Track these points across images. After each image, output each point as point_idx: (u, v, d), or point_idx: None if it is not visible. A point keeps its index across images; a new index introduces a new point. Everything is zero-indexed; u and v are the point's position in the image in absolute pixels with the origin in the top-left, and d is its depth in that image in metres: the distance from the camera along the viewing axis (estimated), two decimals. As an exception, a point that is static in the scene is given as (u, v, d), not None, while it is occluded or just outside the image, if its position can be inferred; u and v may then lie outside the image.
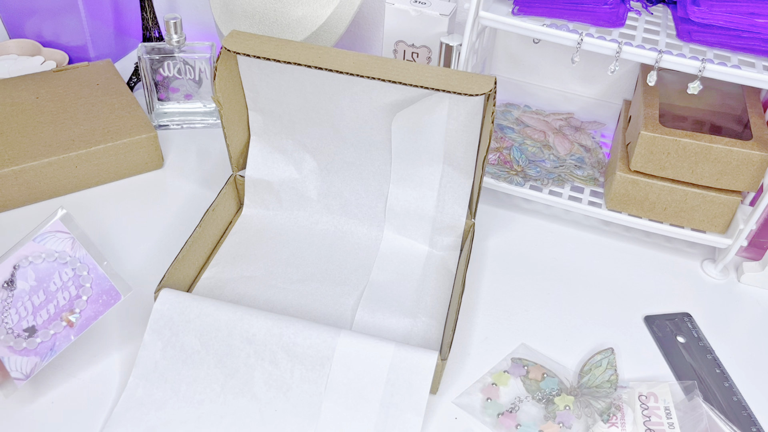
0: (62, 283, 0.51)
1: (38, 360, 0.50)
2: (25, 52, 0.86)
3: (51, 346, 0.50)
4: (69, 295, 0.51)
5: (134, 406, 0.50)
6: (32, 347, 0.50)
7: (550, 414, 0.52)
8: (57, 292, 0.51)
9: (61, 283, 0.51)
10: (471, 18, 0.62)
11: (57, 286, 0.51)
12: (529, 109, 0.83)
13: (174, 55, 0.77)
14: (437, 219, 0.65)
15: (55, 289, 0.51)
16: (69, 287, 0.51)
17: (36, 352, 0.50)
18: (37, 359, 0.50)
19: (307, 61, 0.54)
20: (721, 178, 0.62)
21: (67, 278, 0.51)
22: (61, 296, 0.51)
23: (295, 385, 0.51)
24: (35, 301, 0.50)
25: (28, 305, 0.50)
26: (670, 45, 0.59)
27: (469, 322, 0.60)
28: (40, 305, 0.51)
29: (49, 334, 0.50)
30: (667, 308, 0.63)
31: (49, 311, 0.51)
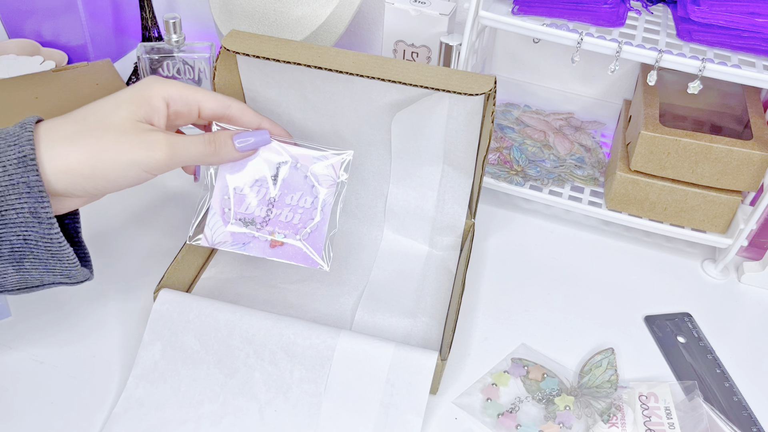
0: (297, 205, 0.51)
1: (229, 237, 0.52)
2: (24, 52, 0.86)
3: (245, 242, 0.52)
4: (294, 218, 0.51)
5: (134, 406, 0.50)
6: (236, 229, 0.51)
7: (551, 414, 0.52)
8: (288, 207, 0.51)
9: (297, 204, 0.51)
10: (471, 17, 0.62)
11: (293, 203, 0.52)
12: (529, 109, 0.83)
13: (173, 55, 0.77)
14: (437, 219, 0.65)
15: (289, 202, 0.52)
16: (299, 213, 0.51)
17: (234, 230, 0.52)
18: (228, 236, 0.52)
19: (306, 61, 0.54)
20: (721, 177, 0.62)
21: (303, 205, 0.51)
22: (289, 212, 0.51)
23: (295, 386, 0.51)
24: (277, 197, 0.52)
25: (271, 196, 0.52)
26: (671, 44, 0.59)
27: (469, 322, 0.60)
28: (274, 204, 0.52)
29: (253, 234, 0.51)
30: (668, 308, 0.63)
31: (270, 214, 0.52)
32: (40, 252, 0.42)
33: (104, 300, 0.58)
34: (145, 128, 0.44)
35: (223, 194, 0.53)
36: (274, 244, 0.53)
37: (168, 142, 0.44)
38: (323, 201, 0.53)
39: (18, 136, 0.41)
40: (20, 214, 0.40)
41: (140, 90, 0.45)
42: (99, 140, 0.42)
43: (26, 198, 0.40)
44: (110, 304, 0.58)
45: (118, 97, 0.44)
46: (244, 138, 0.49)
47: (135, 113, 0.44)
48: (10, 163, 0.40)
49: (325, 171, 0.54)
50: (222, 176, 0.53)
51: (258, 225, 0.53)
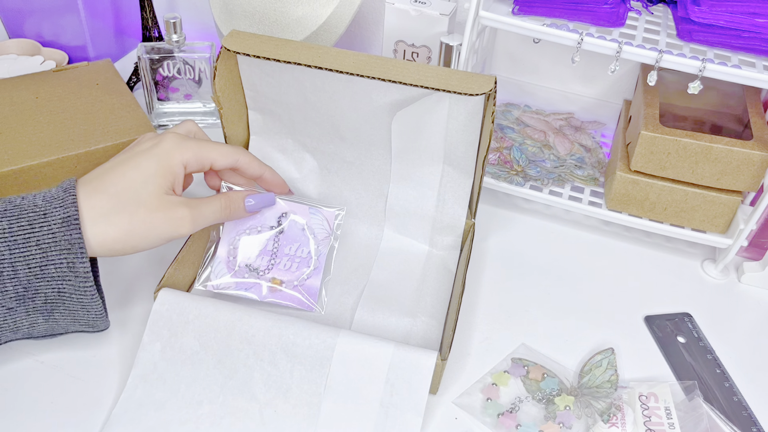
0: (294, 255, 0.58)
1: (233, 283, 0.57)
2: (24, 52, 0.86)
3: (247, 288, 0.57)
4: (292, 267, 0.58)
5: (133, 407, 0.50)
6: (239, 277, 0.58)
7: (551, 414, 0.52)
8: (286, 257, 0.58)
9: (294, 254, 0.58)
10: (471, 18, 0.62)
11: (291, 253, 0.58)
12: (529, 109, 0.83)
13: (174, 55, 0.77)
14: (437, 219, 0.65)
15: (288, 252, 0.58)
16: (296, 262, 0.58)
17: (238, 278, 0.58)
18: (232, 282, 0.58)
19: (307, 61, 0.54)
20: (721, 178, 0.62)
21: (300, 255, 0.58)
22: (287, 261, 0.58)
23: (295, 386, 0.51)
24: (278, 249, 0.59)
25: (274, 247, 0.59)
26: (671, 45, 0.59)
27: (469, 322, 0.60)
28: (276, 254, 0.58)
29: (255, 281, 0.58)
30: (668, 308, 0.63)
31: (271, 263, 0.58)
32: (71, 303, 0.47)
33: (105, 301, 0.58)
34: (170, 202, 0.49)
35: (229, 244, 0.59)
36: (273, 289, 0.58)
37: (191, 217, 0.50)
38: (318, 251, 0.59)
39: (62, 200, 0.46)
40: (59, 269, 0.45)
41: (163, 159, 0.50)
42: (132, 218, 0.47)
43: (66, 254, 0.45)
44: (110, 304, 0.58)
45: (144, 170, 0.49)
46: (253, 200, 0.56)
47: (161, 186, 0.49)
48: (55, 223, 0.45)
49: (320, 224, 0.60)
50: (228, 226, 0.59)
51: (260, 272, 0.58)
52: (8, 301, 0.45)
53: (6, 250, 0.44)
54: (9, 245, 0.44)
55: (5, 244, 0.44)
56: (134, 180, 0.48)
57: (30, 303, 0.45)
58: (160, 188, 0.49)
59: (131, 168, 0.49)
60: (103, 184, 0.48)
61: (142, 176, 0.48)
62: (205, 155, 0.52)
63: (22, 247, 0.44)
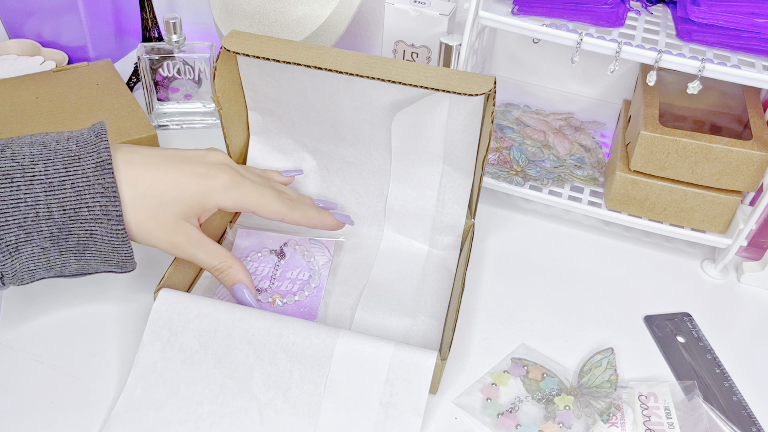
0: (296, 278, 0.61)
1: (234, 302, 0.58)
2: (24, 52, 0.86)
3: None
4: (293, 288, 0.60)
5: (133, 406, 0.50)
6: None
7: (550, 414, 0.52)
8: (289, 281, 0.61)
9: (296, 278, 0.61)
10: (471, 18, 0.62)
11: (292, 277, 0.61)
12: (529, 109, 0.83)
13: (173, 55, 0.77)
14: (437, 219, 0.65)
15: (289, 276, 0.61)
16: (297, 284, 0.60)
17: None
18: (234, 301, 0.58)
19: (306, 61, 0.54)
20: (721, 178, 0.62)
21: (301, 278, 0.61)
22: (289, 284, 0.61)
23: (295, 386, 0.51)
24: (278, 273, 0.61)
25: (274, 272, 0.61)
26: (670, 45, 0.59)
27: (469, 322, 0.60)
28: (276, 278, 0.61)
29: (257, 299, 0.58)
30: (667, 308, 0.63)
31: (272, 285, 0.60)
32: (102, 245, 0.48)
33: (104, 300, 0.59)
34: (177, 228, 0.51)
35: None
36: (273, 303, 0.59)
37: (183, 251, 0.52)
38: (320, 274, 0.61)
39: (95, 144, 0.47)
40: (92, 212, 0.46)
41: (203, 196, 0.52)
42: (143, 221, 0.49)
43: (99, 197, 0.46)
44: (110, 304, 0.58)
45: (179, 190, 0.51)
46: (242, 293, 0.55)
47: (184, 212, 0.51)
48: (89, 167, 0.46)
49: (320, 251, 0.63)
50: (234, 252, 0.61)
51: (261, 293, 0.59)
52: (43, 241, 0.46)
53: (42, 192, 0.45)
54: (45, 188, 0.45)
55: (41, 187, 0.45)
56: (166, 193, 0.50)
57: (63, 243, 0.47)
58: (182, 213, 0.51)
59: (172, 180, 0.50)
60: (139, 179, 0.49)
61: (174, 194, 0.50)
62: (249, 208, 0.54)
63: (57, 190, 0.45)
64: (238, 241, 0.64)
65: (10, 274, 0.46)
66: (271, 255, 0.62)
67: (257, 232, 0.65)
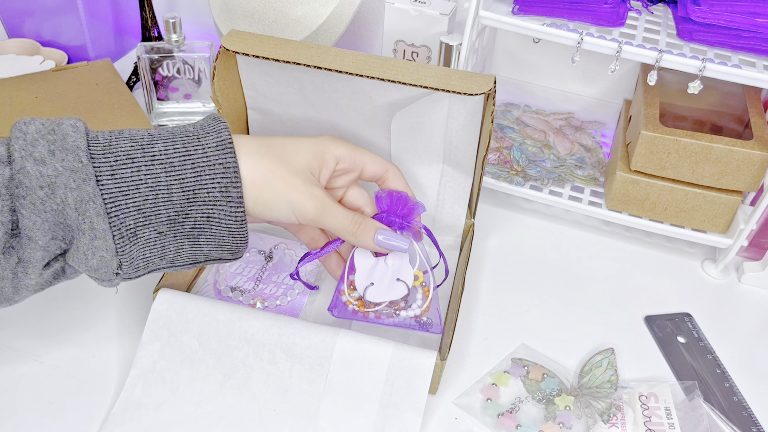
0: (281, 282, 0.60)
1: None
2: (24, 52, 0.86)
3: None
4: (277, 292, 0.60)
5: (132, 406, 0.50)
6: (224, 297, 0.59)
7: (551, 414, 0.52)
8: (274, 284, 0.60)
9: (281, 282, 0.61)
10: (471, 17, 0.62)
11: (278, 281, 0.60)
12: (530, 109, 0.83)
13: (173, 55, 0.77)
14: (437, 218, 0.64)
15: (275, 279, 0.60)
16: (282, 288, 0.60)
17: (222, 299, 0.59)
18: None
19: (306, 61, 0.54)
20: (721, 177, 0.62)
21: (287, 282, 0.61)
22: (273, 287, 0.60)
23: (294, 385, 0.50)
24: (264, 275, 0.61)
25: (260, 274, 0.61)
26: (671, 44, 0.59)
27: (469, 322, 0.60)
28: (261, 280, 0.61)
29: (239, 299, 0.59)
30: (668, 308, 0.63)
31: (256, 287, 0.60)
32: (219, 229, 0.45)
33: (104, 300, 0.58)
34: (311, 180, 0.48)
35: (219, 268, 0.61)
36: (254, 305, 0.58)
37: (322, 201, 0.48)
38: (305, 280, 0.60)
39: (214, 126, 0.45)
40: (211, 193, 0.43)
41: (319, 144, 0.50)
42: (275, 168, 0.46)
43: (220, 178, 0.43)
44: (110, 304, 0.58)
45: (300, 144, 0.49)
46: (386, 238, 0.51)
47: (309, 162, 0.48)
48: (209, 146, 0.43)
49: None
50: None
51: (244, 294, 0.59)
52: (159, 225, 0.43)
53: (162, 172, 0.42)
54: (165, 167, 0.43)
55: (162, 167, 0.42)
56: (288, 146, 0.48)
57: (179, 228, 0.44)
58: (308, 165, 0.48)
59: (288, 140, 0.49)
60: (260, 139, 0.48)
61: (296, 147, 0.48)
62: (359, 157, 0.51)
63: (178, 170, 0.43)
64: None
65: (127, 262, 0.43)
66: (258, 255, 0.62)
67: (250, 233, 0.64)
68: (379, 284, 0.54)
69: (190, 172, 0.43)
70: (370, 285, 0.54)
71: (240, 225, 0.45)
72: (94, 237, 0.41)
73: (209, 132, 0.44)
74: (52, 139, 0.41)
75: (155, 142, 0.43)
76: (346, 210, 0.50)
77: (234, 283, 0.60)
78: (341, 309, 0.54)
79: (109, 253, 0.42)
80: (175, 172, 0.43)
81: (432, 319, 0.54)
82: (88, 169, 0.41)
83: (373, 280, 0.54)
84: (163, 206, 0.43)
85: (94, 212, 0.41)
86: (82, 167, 0.41)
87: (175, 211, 0.43)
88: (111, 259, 0.42)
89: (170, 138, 0.44)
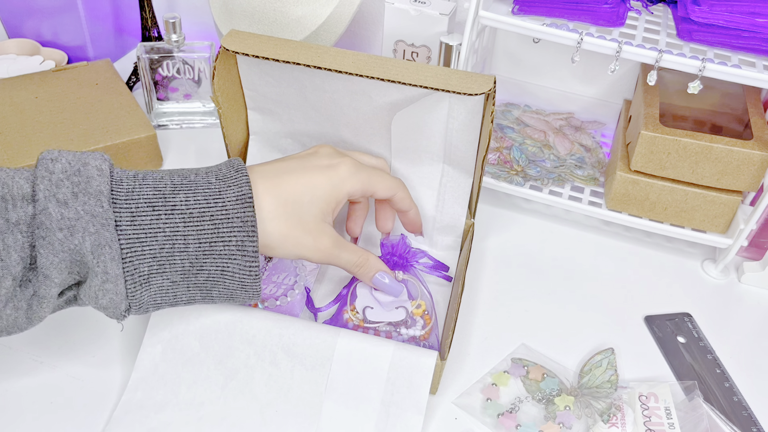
0: (281, 282, 0.60)
1: None
2: (24, 52, 0.86)
3: None
4: (277, 292, 0.59)
5: (134, 408, 0.50)
6: None
7: (550, 414, 0.52)
8: (274, 285, 0.60)
9: (281, 282, 0.60)
10: (471, 17, 0.62)
11: (278, 281, 0.60)
12: (529, 109, 0.83)
13: (173, 55, 0.77)
14: (437, 218, 0.64)
15: (275, 280, 0.60)
16: (282, 288, 0.59)
17: None
18: None
19: (306, 61, 0.54)
20: (721, 177, 0.62)
21: (287, 283, 0.60)
22: (273, 287, 0.60)
23: (296, 386, 0.51)
24: (264, 275, 0.60)
25: None
26: (671, 44, 0.59)
27: (469, 322, 0.60)
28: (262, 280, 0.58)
29: None
30: (668, 308, 0.63)
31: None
32: (232, 282, 0.46)
33: (104, 300, 0.58)
34: (322, 230, 0.50)
35: None
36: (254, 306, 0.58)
37: (326, 253, 0.51)
38: (305, 280, 0.60)
39: (236, 179, 0.46)
40: (227, 247, 0.44)
41: (335, 186, 0.51)
42: (288, 231, 0.48)
43: (237, 232, 0.44)
44: (110, 304, 0.58)
45: (315, 189, 0.50)
46: (383, 278, 0.56)
47: (323, 211, 0.50)
48: (229, 200, 0.45)
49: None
50: None
51: None
52: (174, 275, 0.44)
53: (181, 222, 0.43)
54: (185, 218, 0.43)
55: (181, 218, 0.43)
56: (304, 195, 0.49)
57: (193, 279, 0.45)
58: (322, 213, 0.50)
59: (305, 182, 0.49)
60: (278, 188, 0.48)
61: (311, 194, 0.49)
62: (371, 187, 0.53)
63: (196, 221, 0.44)
64: None
65: (136, 306, 0.44)
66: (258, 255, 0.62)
67: None
68: (378, 308, 0.57)
69: (208, 224, 0.44)
70: (370, 308, 0.57)
71: (254, 279, 0.46)
72: (106, 280, 0.42)
73: (230, 185, 0.45)
74: (77, 181, 0.42)
75: (177, 192, 0.44)
76: (352, 250, 0.53)
77: None
78: (341, 326, 0.56)
79: (119, 297, 0.43)
80: (194, 222, 0.44)
81: (432, 345, 0.56)
82: (108, 214, 0.42)
83: (373, 305, 0.57)
84: (179, 256, 0.44)
85: (109, 257, 0.42)
86: (103, 212, 0.42)
87: (190, 262, 0.44)
88: (120, 302, 0.44)
89: (192, 189, 0.44)
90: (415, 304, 0.58)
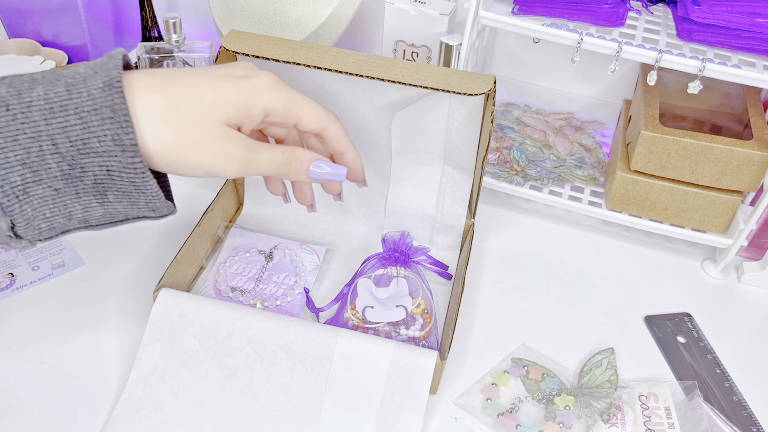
0: (281, 282, 0.60)
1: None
2: (24, 52, 0.86)
3: None
4: (277, 292, 0.60)
5: (133, 408, 0.50)
6: (224, 295, 0.60)
7: (550, 414, 0.52)
8: (274, 285, 0.60)
9: (281, 282, 0.61)
10: (471, 17, 0.62)
11: (278, 281, 0.60)
12: (529, 109, 0.83)
13: (173, 55, 0.77)
14: (437, 218, 0.65)
15: (275, 280, 0.60)
16: (282, 288, 0.60)
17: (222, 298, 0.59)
18: None
19: (306, 61, 0.54)
20: (721, 177, 0.62)
21: (287, 283, 0.60)
22: (273, 287, 0.60)
23: (296, 385, 0.51)
24: (264, 275, 0.61)
25: (260, 274, 0.61)
26: (671, 44, 0.59)
27: (469, 322, 0.60)
28: (261, 280, 0.61)
29: (239, 299, 0.59)
30: (668, 308, 0.63)
31: (256, 287, 0.60)
32: (123, 184, 0.40)
33: (104, 300, 0.58)
34: (229, 135, 0.42)
35: (219, 268, 0.61)
36: (254, 305, 0.59)
37: (243, 159, 0.42)
38: (305, 280, 0.61)
39: (106, 64, 0.39)
40: (102, 142, 0.38)
41: (248, 95, 0.43)
42: (181, 135, 0.41)
43: (109, 124, 0.38)
44: (110, 304, 0.58)
45: (221, 93, 0.42)
46: (321, 167, 0.46)
47: (229, 116, 0.42)
48: (95, 88, 0.38)
49: (309, 257, 0.63)
50: (224, 252, 0.62)
51: (245, 294, 0.60)
52: (54, 181, 0.39)
53: (42, 120, 0.38)
54: (44, 114, 0.38)
55: (40, 113, 0.38)
56: (203, 97, 0.41)
57: (79, 183, 0.40)
58: (227, 117, 0.42)
59: (207, 85, 0.42)
60: (168, 86, 0.41)
61: (214, 98, 0.42)
62: (295, 110, 0.45)
63: (59, 117, 0.38)
64: (229, 240, 0.64)
65: (22, 223, 0.39)
66: (259, 256, 0.62)
67: (249, 233, 0.65)
68: (378, 308, 0.57)
69: (74, 119, 0.38)
70: (370, 307, 0.57)
71: (143, 179, 0.40)
72: None
73: (97, 71, 0.39)
74: None
75: (35, 87, 0.38)
76: (271, 148, 0.44)
77: (234, 284, 0.60)
78: (341, 325, 0.56)
79: None
80: (56, 119, 0.38)
81: (432, 345, 0.56)
82: None
83: (373, 305, 0.57)
84: (52, 158, 0.38)
85: None
86: None
87: (68, 163, 0.39)
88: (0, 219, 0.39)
89: (53, 81, 0.38)
90: (415, 302, 0.58)
